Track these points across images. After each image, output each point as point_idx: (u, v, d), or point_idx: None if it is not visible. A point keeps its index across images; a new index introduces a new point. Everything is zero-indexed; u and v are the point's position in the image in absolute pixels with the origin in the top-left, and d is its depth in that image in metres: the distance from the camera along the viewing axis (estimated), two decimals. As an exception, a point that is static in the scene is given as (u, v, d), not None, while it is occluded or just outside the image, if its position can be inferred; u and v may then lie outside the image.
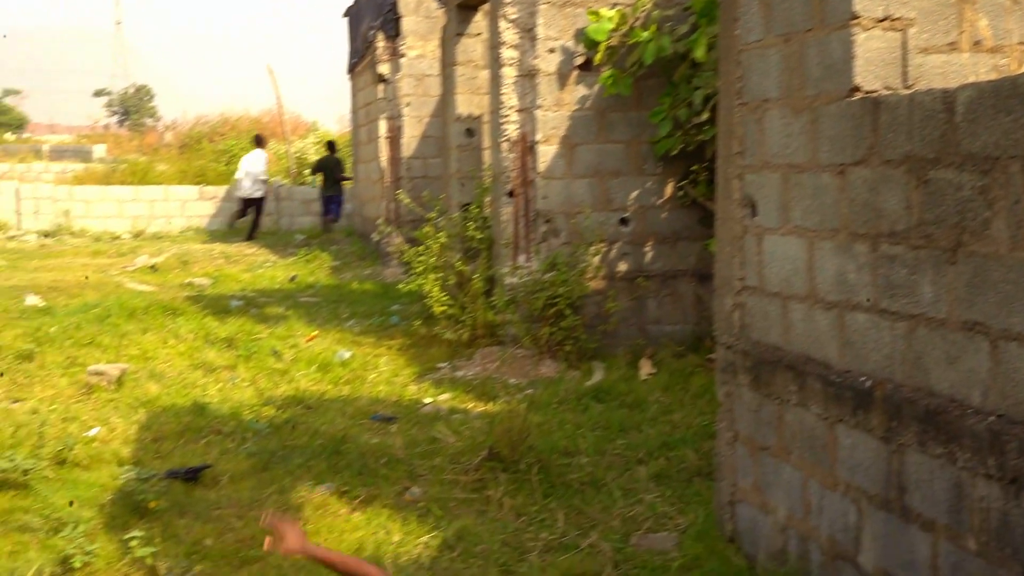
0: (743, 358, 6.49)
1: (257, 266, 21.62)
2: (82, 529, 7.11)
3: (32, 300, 16.47)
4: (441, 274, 13.11)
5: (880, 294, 5.16)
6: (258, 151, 27.51)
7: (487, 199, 13.43)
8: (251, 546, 7.08)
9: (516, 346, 11.96)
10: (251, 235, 26.93)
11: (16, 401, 10.77)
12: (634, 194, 12.05)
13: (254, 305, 16.19)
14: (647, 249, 12.11)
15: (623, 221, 12.09)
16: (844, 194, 5.46)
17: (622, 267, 12.08)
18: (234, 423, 9.91)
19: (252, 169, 26.95)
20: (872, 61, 5.40)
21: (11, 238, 25.73)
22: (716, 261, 7.02)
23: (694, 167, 11.61)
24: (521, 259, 12.22)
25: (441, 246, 13.25)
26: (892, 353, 5.08)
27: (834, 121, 5.55)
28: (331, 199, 27.82)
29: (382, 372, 11.92)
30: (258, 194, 27.13)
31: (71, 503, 7.72)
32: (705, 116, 10.95)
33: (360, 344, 13.35)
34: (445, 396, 10.83)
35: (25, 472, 8.24)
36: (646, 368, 11.31)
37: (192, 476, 8.44)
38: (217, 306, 15.81)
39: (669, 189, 12.09)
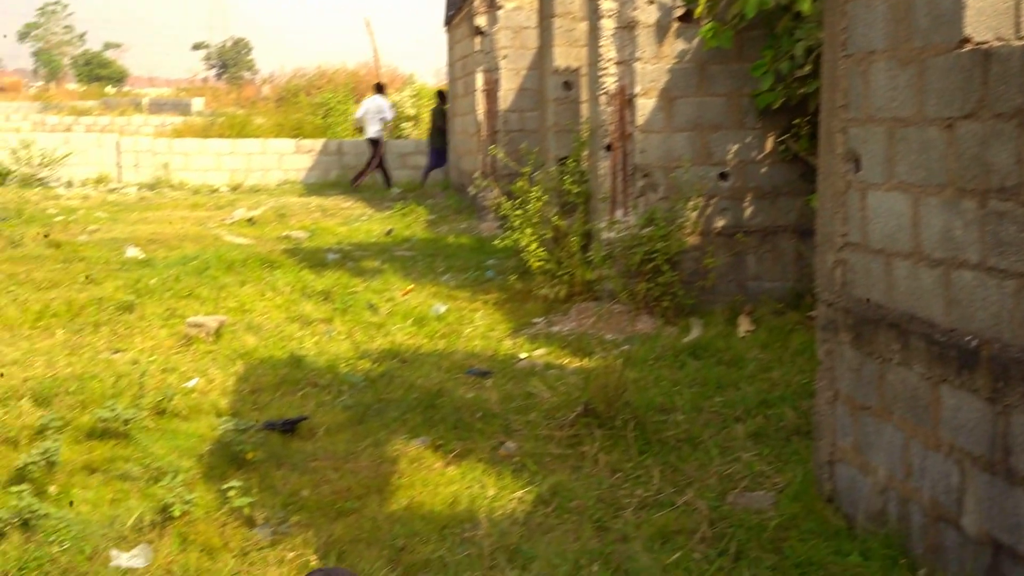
0: (844, 316, 6.37)
1: (353, 219, 21.72)
2: (181, 478, 7.20)
3: (132, 252, 16.71)
4: (537, 229, 13.05)
5: (988, 251, 5.01)
6: (378, 96, 27.53)
7: (584, 153, 13.33)
8: (347, 498, 7.13)
9: (612, 302, 11.89)
10: (366, 176, 26.99)
11: (117, 352, 10.94)
12: (734, 148, 11.87)
13: (350, 258, 16.27)
14: (747, 204, 11.94)
15: (722, 176, 11.92)
16: (952, 149, 5.31)
17: (721, 222, 11.92)
18: (330, 376, 9.97)
19: (375, 111, 26.99)
20: (983, 11, 5.21)
21: (112, 191, 26.10)
22: (818, 217, 6.88)
23: (796, 121, 11.40)
24: (618, 214, 12.11)
25: (538, 200, 13.18)
26: (1000, 312, 4.94)
27: (942, 73, 5.38)
28: (439, 151, 27.76)
29: (477, 327, 11.92)
30: (376, 135, 27.16)
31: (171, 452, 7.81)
32: (808, 69, 10.74)
33: (456, 298, 13.36)
34: (540, 351, 10.80)
35: (126, 422, 8.37)
36: (744, 325, 11.18)
37: (289, 428, 8.51)
38: (314, 259, 15.92)
39: (770, 143, 11.89)
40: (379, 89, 28.31)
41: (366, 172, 27.50)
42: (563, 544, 6.26)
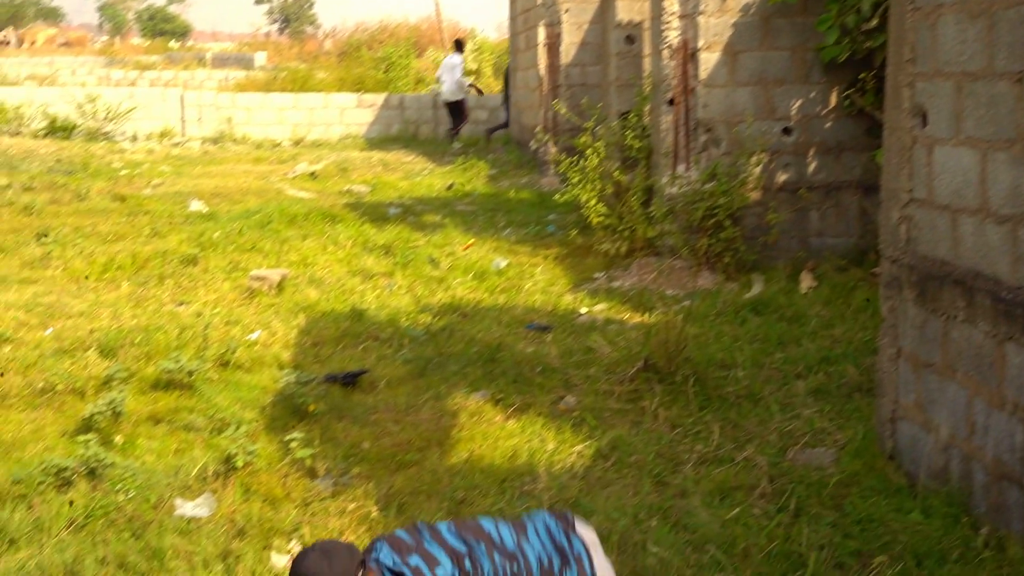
0: (909, 272, 6.30)
1: (415, 174, 21.74)
2: (244, 429, 7.28)
3: (196, 206, 16.83)
4: (598, 184, 13.00)
5: (1058, 208, 4.94)
6: (456, 55, 27.42)
7: (646, 108, 13.24)
8: (407, 451, 7.18)
9: (674, 257, 11.85)
10: (454, 134, 26.96)
11: (181, 304, 11.05)
12: (798, 103, 11.74)
13: (412, 213, 16.30)
14: (810, 159, 11.82)
15: (786, 131, 11.80)
16: (1022, 103, 5.22)
17: (784, 178, 11.81)
18: (391, 329, 10.02)
19: (452, 73, 26.89)
20: (1056, -38, 5.12)
21: (176, 145, 26.27)
22: (883, 172, 6.80)
23: (861, 75, 11.25)
24: (680, 169, 12.04)
25: (599, 155, 13.12)
26: (1069, 270, 4.87)
27: (1013, 26, 5.29)
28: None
29: (538, 281, 11.92)
30: (459, 97, 27.07)
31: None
32: (874, 23, 10.58)
33: (516, 253, 13.36)
34: (601, 306, 10.79)
35: (190, 373, 8.47)
36: (807, 281, 11.09)
37: (350, 381, 8.57)
38: (375, 213, 15.97)
39: (835, 98, 11.74)
40: (458, 47, 28.13)
41: (461, 126, 27.43)
42: (622, 498, 6.28)
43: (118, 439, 7.45)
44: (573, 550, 4.32)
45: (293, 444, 6.96)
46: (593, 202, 12.86)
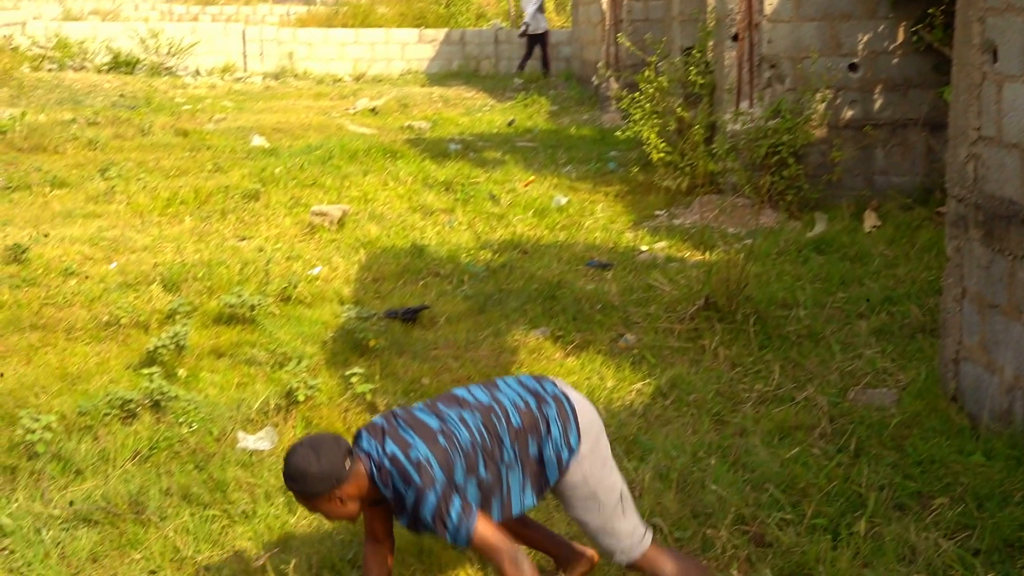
0: (975, 212, 6.21)
1: (476, 110, 21.68)
2: (305, 364, 7.34)
3: (258, 141, 16.90)
4: (660, 120, 12.90)
5: None
6: None
7: (710, 43, 13.08)
8: (467, 386, 7.20)
9: (736, 195, 11.76)
10: (545, 70, 26.83)
11: (243, 239, 11.12)
12: (865, 38, 11.55)
13: (472, 149, 16.27)
14: (876, 96, 11.65)
15: (852, 67, 11.63)
16: (1096, 39, 5.10)
17: (849, 115, 11.66)
18: (451, 266, 10.04)
19: (535, 6, 26.69)
20: None
21: (237, 80, 26.33)
22: (950, 110, 6.68)
23: (930, 10, 11.05)
24: (744, 105, 11.92)
25: (661, 91, 13.00)
26: None
27: (1089, -41, 5.16)
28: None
29: (598, 219, 11.88)
30: (543, 29, 26.89)
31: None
32: (944, -44, 10.39)
33: (576, 190, 13.31)
34: (661, 244, 10.74)
35: (252, 308, 8.54)
36: (871, 220, 10.97)
37: (410, 316, 8.60)
38: (436, 149, 15.95)
39: (902, 33, 11.54)
40: None
41: (547, 56, 27.24)
42: (681, 436, 6.28)
43: (181, 372, 7.54)
44: (548, 391, 4.44)
45: (353, 379, 7.00)
46: (655, 139, 12.77)
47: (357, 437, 4.34)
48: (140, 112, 19.54)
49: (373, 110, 21.15)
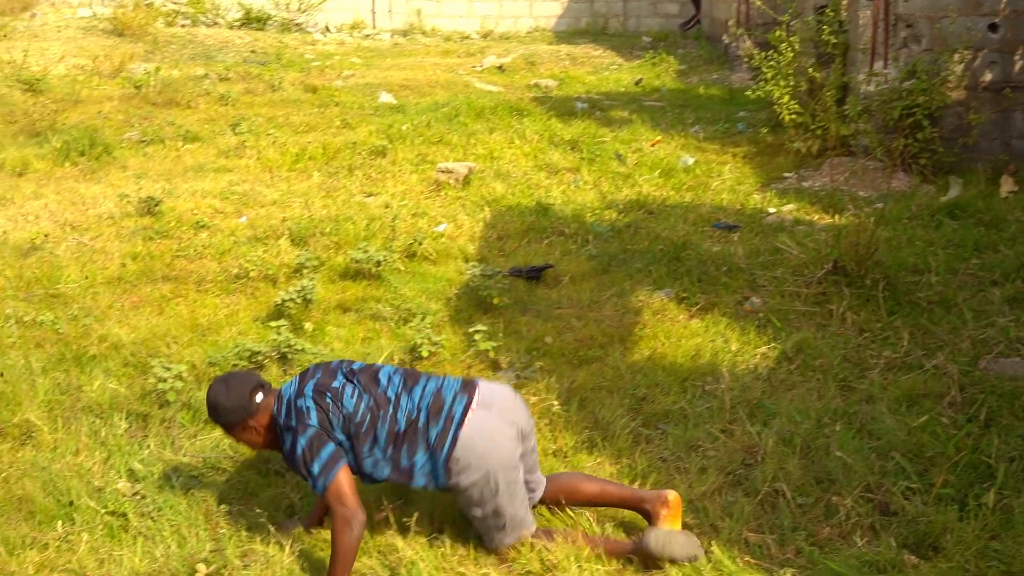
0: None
1: (603, 68, 21.55)
2: (429, 320, 7.39)
3: (385, 98, 17.01)
4: (792, 80, 12.67)
5: None
6: None
7: (844, 1, 12.81)
8: (590, 346, 7.20)
9: (867, 158, 11.53)
10: (691, 25, 26.64)
11: (370, 195, 11.22)
12: (1006, -3, 11.23)
13: (599, 108, 16.19)
14: (1017, 58, 11.30)
15: (992, 27, 11.29)
16: None
17: (988, 76, 11.33)
18: (576, 225, 10.01)
19: None
20: None
21: (366, 37, 26.47)
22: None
23: (1076, -32, 10.69)
24: (878, 66, 11.66)
25: (793, 51, 12.78)
26: None
27: None
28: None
29: (725, 180, 11.75)
30: None
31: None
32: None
33: (704, 150, 13.17)
34: (790, 206, 10.58)
35: (378, 263, 8.62)
36: (1007, 185, 10.68)
37: (534, 275, 8.61)
38: (562, 108, 15.90)
39: (1045, -8, 11.19)
40: None
41: (693, 20, 27.04)
42: (806, 402, 6.20)
43: (308, 326, 7.65)
44: (449, 410, 4.70)
45: (477, 336, 7.04)
46: (786, 99, 12.55)
47: (292, 381, 4.92)
48: (270, 68, 19.78)
49: (500, 68, 21.15)
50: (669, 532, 4.68)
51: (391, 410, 4.72)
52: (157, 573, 4.69)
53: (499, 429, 4.68)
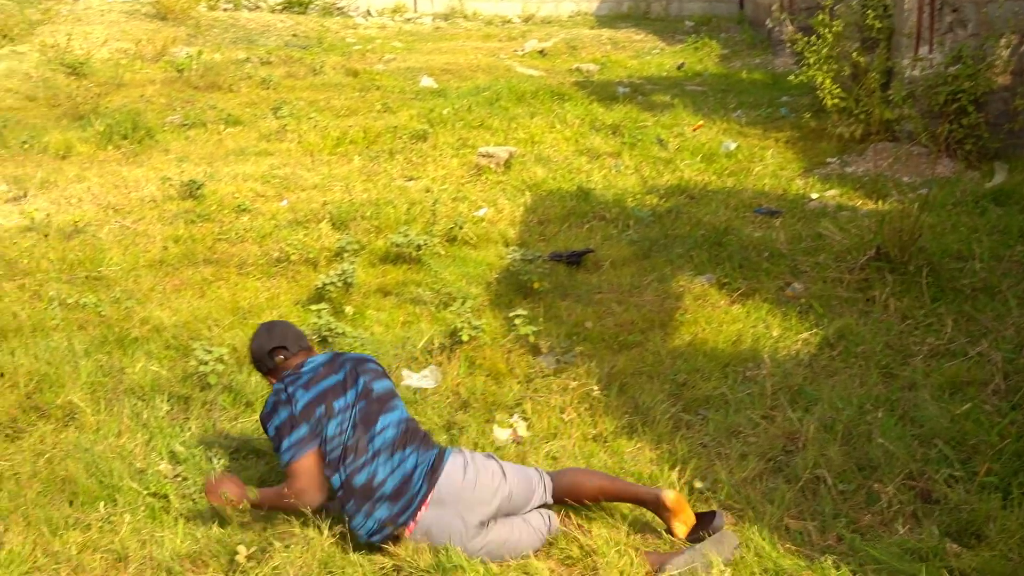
0: None
1: (645, 53, 21.48)
2: (469, 305, 7.39)
3: (427, 82, 17.01)
4: (835, 65, 12.58)
5: None
6: None
7: (888, -14, 12.71)
8: (630, 331, 7.18)
9: (912, 143, 11.44)
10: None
11: (410, 180, 11.23)
12: (1054, -19, 11.08)
13: (640, 92, 16.14)
14: (1064, 42, 11.17)
15: (1039, 11, 11.17)
16: None
17: (1034, 61, 11.21)
18: (617, 210, 9.98)
19: None
20: None
21: (407, 21, 26.49)
22: None
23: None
24: (923, 50, 11.55)
25: (837, 35, 12.67)
26: None
27: None
28: None
29: (768, 165, 11.68)
30: None
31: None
32: None
33: (746, 135, 13.11)
34: (832, 192, 10.51)
35: (418, 247, 8.63)
36: (1053, 171, 10.57)
37: (575, 259, 8.60)
38: (603, 92, 15.86)
39: (1094, -24, 11.05)
40: None
41: None
42: (847, 388, 6.15)
43: (348, 309, 7.67)
44: (408, 500, 4.63)
45: (517, 321, 7.03)
46: (829, 84, 12.46)
47: (309, 360, 5.07)
48: (312, 52, 19.84)
49: (541, 52, 21.11)
50: (700, 551, 4.58)
51: (360, 462, 4.66)
52: (198, 554, 4.71)
53: (450, 524, 4.58)
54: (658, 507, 4.79)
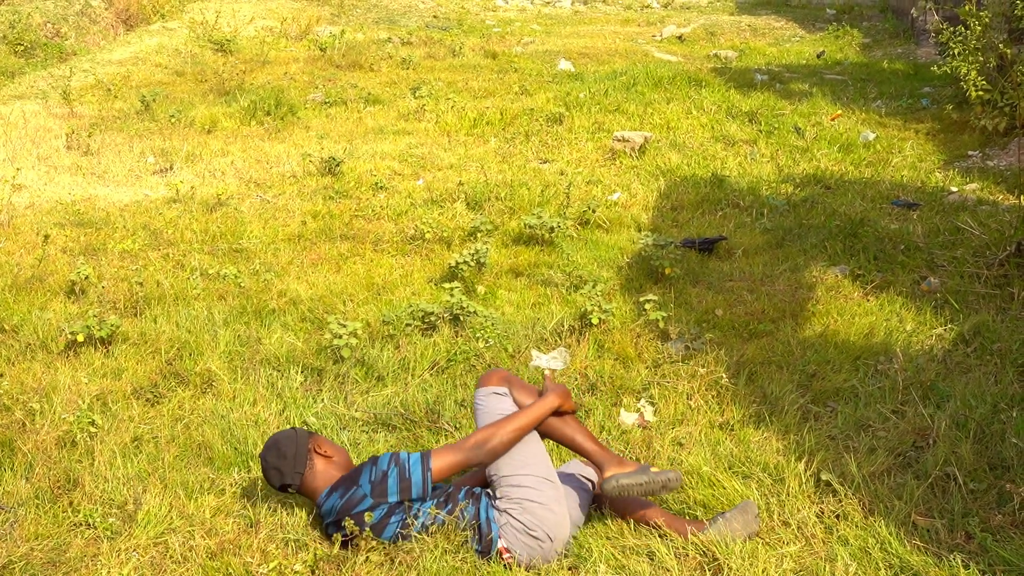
0: None
1: (784, 40, 21.24)
2: (600, 288, 7.42)
3: (564, 65, 17.05)
4: (981, 56, 12.32)
5: None
6: None
7: (1039, -24, 12.40)
8: (760, 320, 7.15)
9: (1058, 138, 11.17)
10: None
11: (545, 162, 11.29)
12: None
13: (778, 80, 15.98)
14: None
15: None
16: None
17: None
18: (751, 197, 9.93)
19: None
20: None
21: (547, 4, 26.55)
22: None
23: None
24: (1072, 43, 11.26)
25: (984, 26, 12.40)
26: None
27: None
28: None
29: (907, 156, 11.50)
30: None
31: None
32: None
33: (885, 126, 12.91)
34: (973, 186, 10.31)
35: (551, 230, 8.68)
36: None
37: (707, 247, 8.58)
38: (741, 79, 15.74)
39: None
40: None
41: None
42: (982, 386, 6.05)
43: (480, 289, 7.76)
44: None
45: (647, 306, 7.04)
46: (973, 75, 12.21)
47: (340, 484, 4.66)
48: (452, 33, 20.00)
49: (680, 37, 21.01)
50: (730, 517, 4.61)
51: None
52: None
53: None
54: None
